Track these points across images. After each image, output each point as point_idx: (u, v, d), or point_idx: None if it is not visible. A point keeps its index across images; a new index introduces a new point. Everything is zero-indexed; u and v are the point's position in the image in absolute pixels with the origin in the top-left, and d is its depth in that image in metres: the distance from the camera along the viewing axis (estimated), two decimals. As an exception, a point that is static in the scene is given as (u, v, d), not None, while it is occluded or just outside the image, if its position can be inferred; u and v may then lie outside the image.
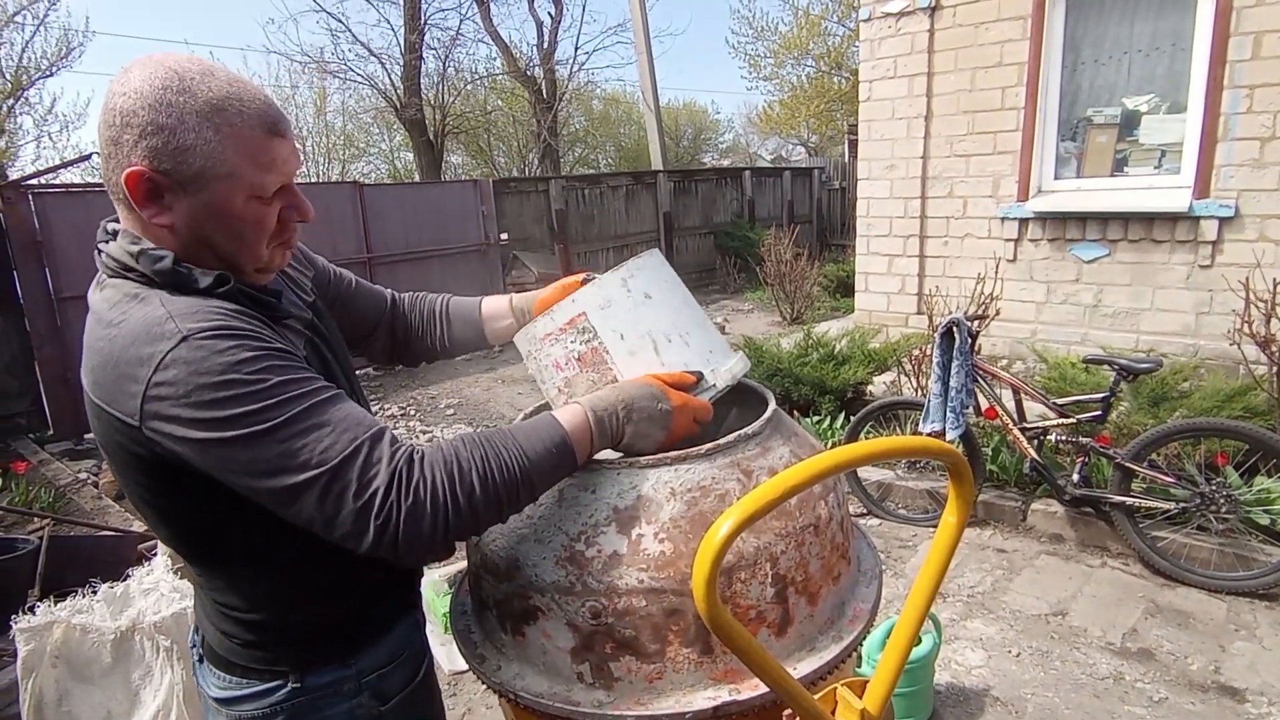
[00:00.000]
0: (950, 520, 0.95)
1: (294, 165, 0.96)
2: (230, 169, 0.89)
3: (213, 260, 0.95)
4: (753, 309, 10.60)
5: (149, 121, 0.86)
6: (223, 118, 0.88)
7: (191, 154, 0.87)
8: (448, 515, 0.87)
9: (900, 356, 4.90)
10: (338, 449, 0.84)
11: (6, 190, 5.67)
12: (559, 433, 0.98)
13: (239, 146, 0.89)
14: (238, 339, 0.86)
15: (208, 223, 0.91)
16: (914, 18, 5.61)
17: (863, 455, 0.84)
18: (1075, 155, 5.24)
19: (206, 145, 0.87)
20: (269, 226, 0.95)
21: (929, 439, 0.91)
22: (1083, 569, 3.39)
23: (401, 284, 7.94)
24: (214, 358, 0.83)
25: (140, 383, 0.84)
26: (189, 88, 0.87)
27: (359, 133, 18.72)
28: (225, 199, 0.90)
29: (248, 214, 0.92)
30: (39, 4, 12.27)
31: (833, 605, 1.15)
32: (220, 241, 0.93)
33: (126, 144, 0.87)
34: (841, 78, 16.13)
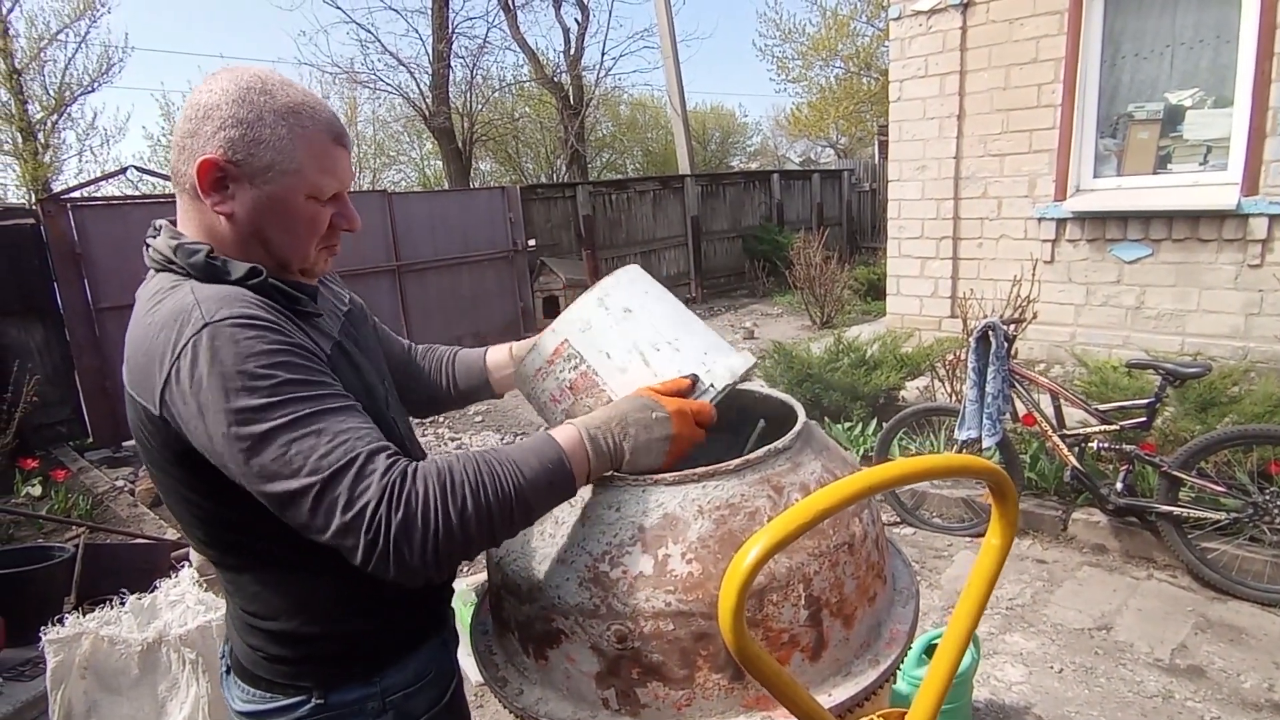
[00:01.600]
0: (994, 543, 0.90)
1: (350, 177, 1.03)
2: (297, 166, 0.95)
3: (263, 255, 0.99)
4: (782, 313, 10.49)
5: (230, 115, 0.93)
6: (296, 119, 0.95)
7: (265, 147, 0.93)
8: (438, 533, 0.84)
9: (934, 361, 4.80)
10: (331, 459, 0.83)
11: (47, 204, 5.82)
12: (555, 450, 0.95)
13: (308, 147, 0.95)
14: (258, 329, 0.87)
15: (267, 214, 0.96)
16: (945, 15, 5.50)
17: (899, 476, 0.80)
18: (1115, 153, 5.09)
19: (279, 142, 0.94)
20: (320, 228, 1.00)
21: (969, 457, 0.86)
22: (1128, 581, 3.27)
23: (430, 291, 8.00)
24: (229, 347, 0.84)
25: (164, 369, 0.86)
26: (270, 90, 0.95)
27: (389, 141, 18.99)
28: (287, 194, 0.96)
29: (304, 212, 0.98)
30: (80, 22, 12.65)
31: (869, 627, 1.10)
32: (274, 234, 0.98)
33: (204, 135, 0.93)
34: (870, 78, 15.95)
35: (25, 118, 12.56)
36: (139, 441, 0.97)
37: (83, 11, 12.57)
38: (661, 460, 1.02)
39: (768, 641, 0.99)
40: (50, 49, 12.59)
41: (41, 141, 12.96)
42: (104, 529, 3.74)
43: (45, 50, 12.47)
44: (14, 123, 12.49)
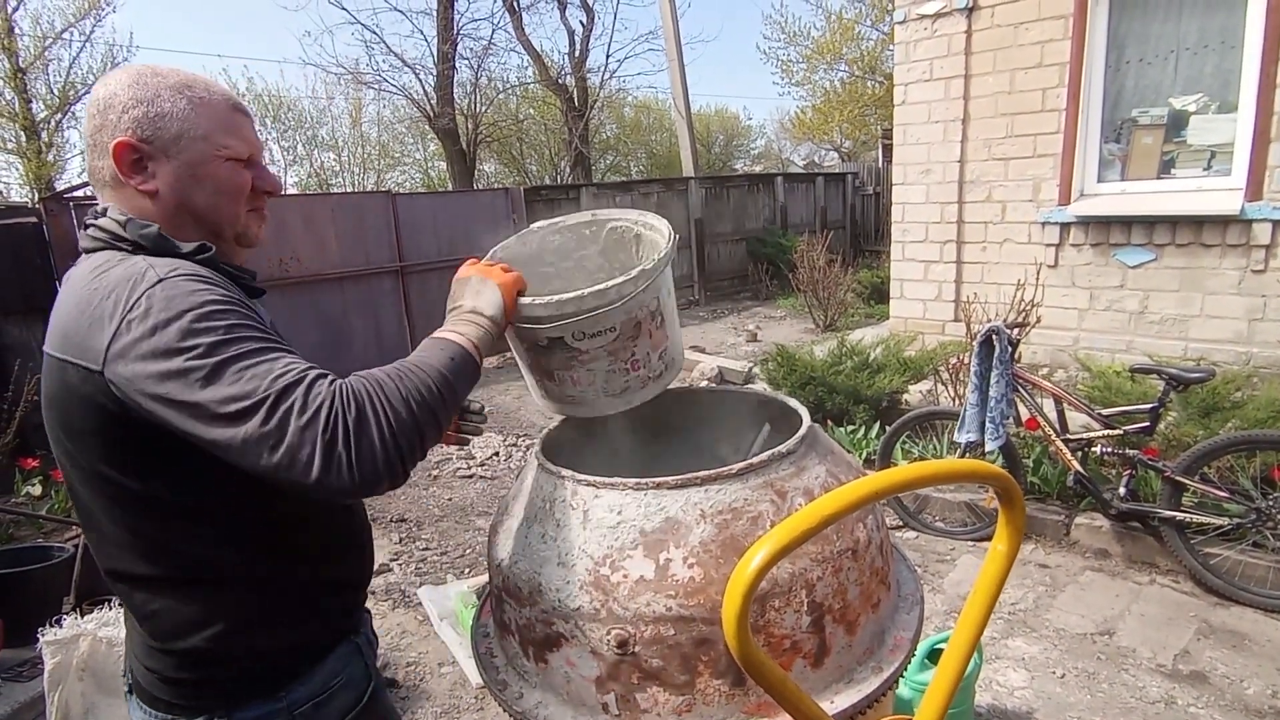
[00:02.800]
0: (1000, 549, 0.89)
1: (259, 143, 1.08)
2: (204, 131, 0.99)
3: (194, 228, 1.02)
4: (785, 316, 10.48)
5: (130, 98, 0.97)
6: (192, 91, 1.00)
7: (169, 119, 0.98)
8: (392, 424, 0.87)
9: (937, 365, 4.78)
10: (285, 378, 0.85)
11: (50, 202, 5.82)
12: (455, 347, 1.02)
13: (209, 114, 1.00)
14: (209, 284, 0.91)
15: (189, 182, 1.00)
16: (951, 19, 5.50)
17: (905, 481, 0.79)
18: (1119, 157, 5.08)
19: (181, 112, 0.99)
20: (244, 188, 1.04)
21: (978, 463, 0.85)
22: (1130, 586, 3.25)
23: (433, 292, 7.98)
24: (183, 297, 0.87)
25: (113, 323, 0.87)
26: (159, 72, 1.01)
27: (394, 143, 18.99)
28: (203, 158, 1.00)
29: (223, 172, 1.02)
30: (85, 21, 12.67)
31: (872, 634, 1.10)
32: (200, 200, 1.01)
33: (110, 124, 0.98)
34: (875, 82, 15.93)
35: (29, 116, 12.59)
36: (58, 416, 0.96)
37: (87, 10, 12.60)
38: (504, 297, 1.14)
39: (769, 648, 0.98)
40: (54, 48, 12.64)
41: (45, 140, 12.99)
42: (105, 528, 3.73)
43: (50, 49, 12.52)
44: (18, 121, 12.52)
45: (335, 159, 18.12)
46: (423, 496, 4.80)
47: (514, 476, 5.02)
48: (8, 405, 4.79)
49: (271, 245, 6.77)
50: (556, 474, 1.12)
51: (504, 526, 1.21)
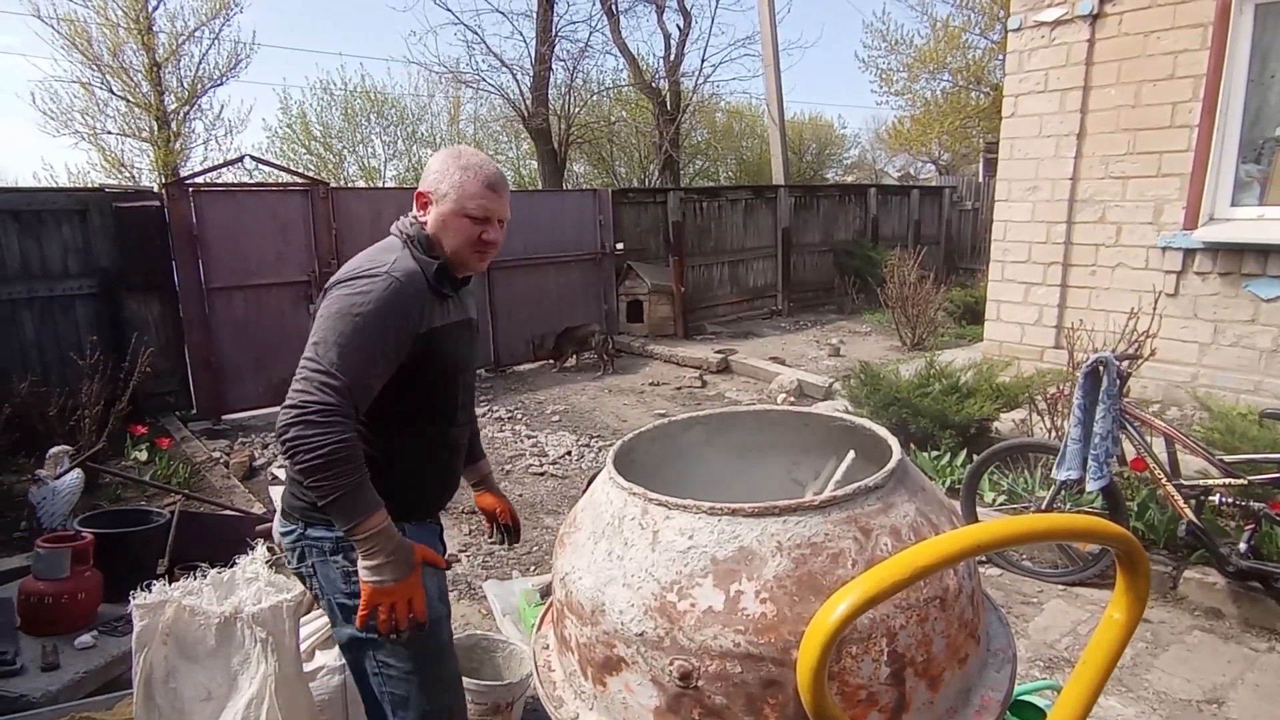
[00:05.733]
0: (1117, 618, 0.79)
1: (496, 209, 1.61)
2: (456, 196, 1.58)
3: (441, 249, 1.60)
4: (870, 331, 10.16)
5: (435, 169, 1.61)
6: (464, 172, 1.58)
7: (445, 184, 1.58)
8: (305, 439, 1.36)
9: (1033, 393, 4.50)
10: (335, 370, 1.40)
11: (171, 187, 6.23)
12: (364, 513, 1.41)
13: (465, 187, 1.58)
14: (400, 296, 1.48)
15: (440, 225, 1.60)
16: (1071, 26, 5.18)
17: (1012, 536, 0.70)
18: (1259, 180, 4.66)
19: (450, 181, 1.58)
20: (472, 238, 1.60)
21: (1097, 520, 0.75)
22: (1245, 652, 2.95)
23: (517, 288, 8.10)
24: (380, 295, 1.46)
25: (353, 272, 1.52)
26: (460, 154, 1.62)
27: (488, 140, 19.48)
28: (450, 212, 1.58)
29: (456, 225, 1.59)
30: (216, 20, 13.53)
31: (956, 691, 1.00)
32: (445, 238, 1.60)
33: (423, 180, 1.62)
34: (980, 93, 15.28)
35: (161, 107, 13.55)
36: None
37: (218, 10, 13.46)
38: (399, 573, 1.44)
39: (843, 697, 0.91)
40: (187, 45, 13.54)
41: (174, 130, 13.95)
42: (198, 498, 3.94)
43: (182, 45, 13.42)
44: (151, 111, 13.49)
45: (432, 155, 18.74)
46: (495, 490, 4.86)
47: (584, 477, 5.02)
48: (124, 375, 5.14)
49: (367, 236, 6.95)
50: (628, 490, 1.08)
51: (571, 539, 1.17)
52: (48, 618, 2.63)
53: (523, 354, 8.42)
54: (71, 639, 2.59)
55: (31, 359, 5.55)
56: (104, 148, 13.87)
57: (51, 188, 10.89)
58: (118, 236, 5.91)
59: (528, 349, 8.41)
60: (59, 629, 2.62)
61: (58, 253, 5.71)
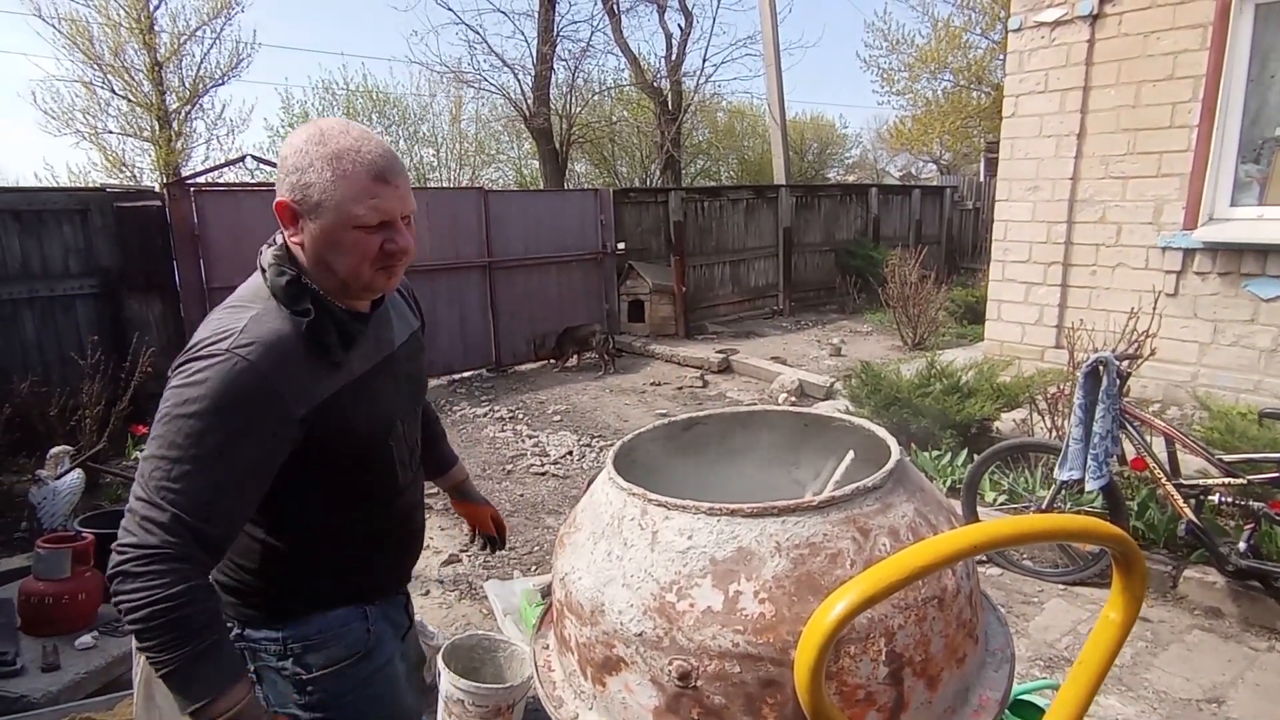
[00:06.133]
0: (1113, 618, 0.79)
1: (397, 206, 1.17)
2: (337, 202, 1.13)
3: (329, 275, 1.19)
4: (871, 331, 10.16)
5: (292, 164, 1.14)
6: (339, 164, 1.12)
7: (313, 189, 1.13)
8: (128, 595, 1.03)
9: (1034, 393, 4.51)
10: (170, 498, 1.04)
11: (172, 187, 6.24)
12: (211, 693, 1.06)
13: (347, 186, 1.13)
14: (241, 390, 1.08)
15: (323, 244, 1.16)
16: (1072, 27, 5.18)
17: (1009, 536, 0.71)
18: (1258, 180, 4.66)
19: (324, 183, 1.13)
20: (369, 252, 1.17)
21: (1094, 521, 0.76)
22: (1245, 651, 2.96)
23: (519, 288, 8.11)
24: (216, 380, 1.07)
25: (190, 349, 1.12)
26: (325, 139, 1.14)
27: (490, 140, 19.49)
28: (334, 226, 1.15)
29: (349, 240, 1.16)
30: (218, 20, 13.54)
31: (955, 691, 1.00)
32: (333, 260, 1.17)
33: (280, 181, 1.17)
34: (982, 93, 15.28)
35: (163, 107, 13.56)
36: None
37: (220, 10, 13.47)
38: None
39: (841, 697, 0.91)
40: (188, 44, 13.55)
41: (175, 129, 13.96)
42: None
43: (184, 45, 13.43)
44: (153, 111, 13.51)
45: (434, 155, 18.75)
46: (496, 490, 4.87)
47: (585, 477, 5.02)
48: (125, 375, 5.14)
49: (369, 236, 7.03)
50: (628, 490, 1.08)
51: (570, 539, 1.17)
52: (48, 618, 2.63)
53: (524, 354, 8.42)
54: (72, 639, 2.60)
55: (32, 359, 5.55)
56: (105, 147, 13.90)
57: (53, 187, 10.90)
58: (119, 236, 5.91)
59: (529, 349, 8.42)
60: (59, 629, 2.63)
61: (59, 253, 5.71)
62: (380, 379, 1.28)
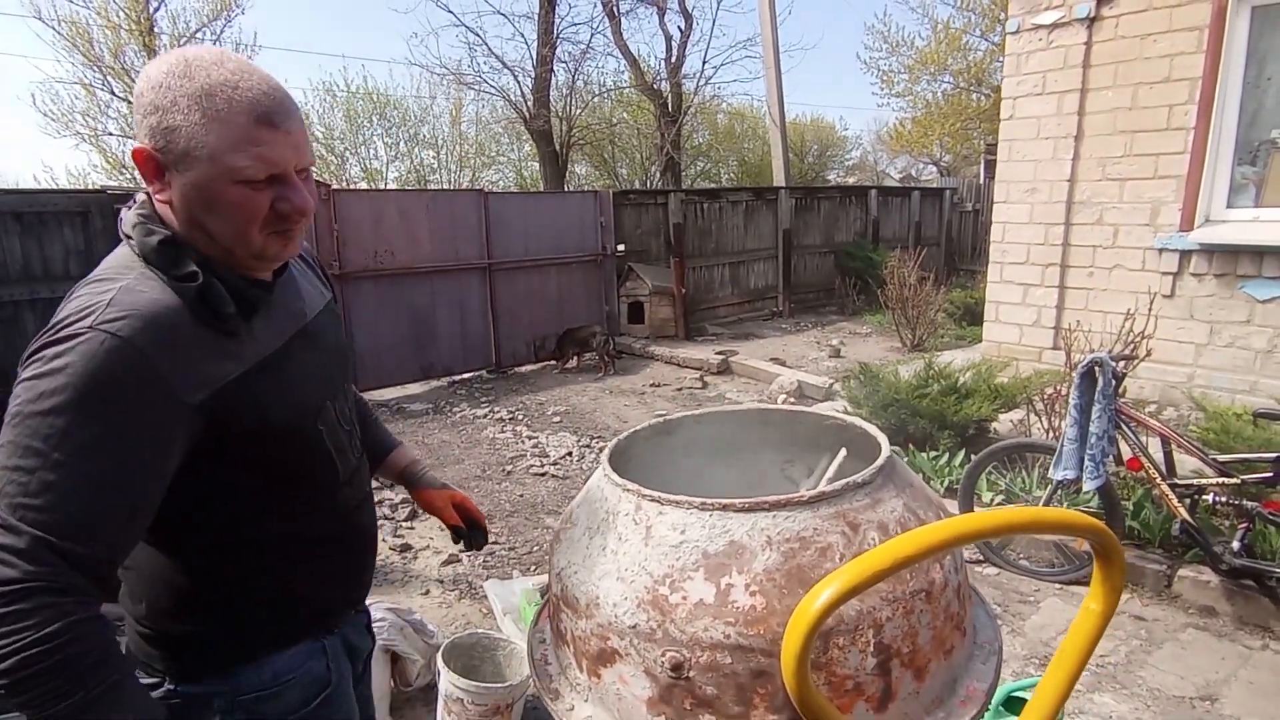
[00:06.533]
0: (1094, 608, 0.81)
1: (290, 156, 0.96)
2: (211, 151, 0.91)
3: (208, 242, 0.97)
4: (871, 333, 10.19)
5: (150, 102, 0.91)
6: (210, 103, 0.90)
7: (178, 134, 0.91)
8: None
9: (1031, 394, 4.53)
10: (28, 516, 0.81)
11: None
12: None
13: (222, 131, 0.90)
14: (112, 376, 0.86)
15: (195, 202, 0.94)
16: (1069, 30, 5.21)
17: (991, 527, 0.73)
18: (1254, 181, 4.69)
19: (191, 127, 0.90)
20: (256, 213, 0.95)
21: (1073, 513, 0.78)
22: (1239, 650, 2.98)
23: (519, 290, 8.15)
24: (82, 364, 0.84)
25: (46, 332, 0.89)
26: (191, 72, 0.91)
27: (490, 142, 19.53)
28: (208, 180, 0.92)
29: (231, 197, 0.93)
30: (217, 22, 13.59)
31: (943, 682, 1.03)
32: (209, 222, 0.96)
33: (138, 123, 0.94)
34: (981, 95, 15.33)
35: (165, 109, 13.64)
36: None
37: (220, 12, 13.52)
38: None
39: (830, 687, 0.94)
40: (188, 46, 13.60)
41: (176, 132, 14.01)
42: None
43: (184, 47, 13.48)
44: (154, 113, 13.59)
45: (434, 156, 18.79)
46: (496, 491, 4.89)
47: (584, 477, 5.05)
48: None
49: (368, 238, 7.07)
50: (622, 486, 1.10)
51: (567, 534, 1.20)
52: None
53: (524, 355, 8.45)
54: None
55: (35, 360, 5.58)
56: (105, 149, 13.94)
57: (53, 189, 10.93)
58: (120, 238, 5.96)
59: (529, 350, 8.44)
60: None
61: (59, 254, 5.74)
62: (298, 354, 1.06)
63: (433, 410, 6.88)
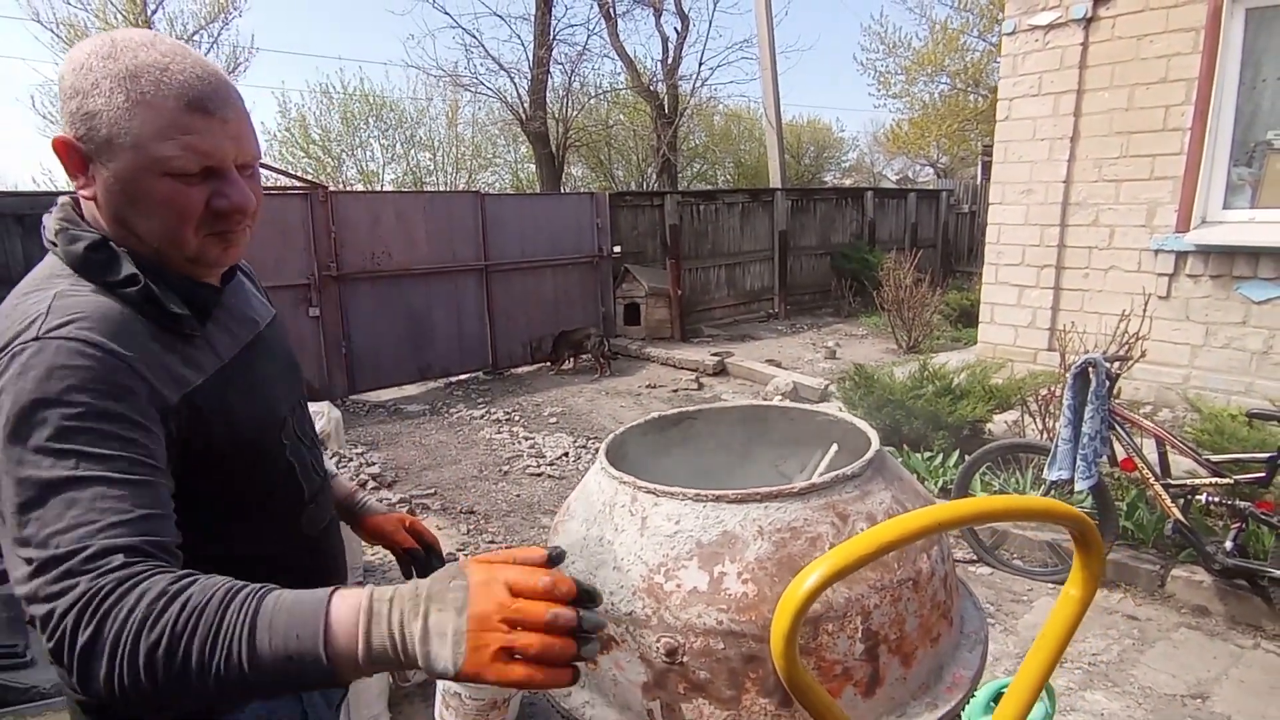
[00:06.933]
0: (1073, 594, 0.84)
1: (227, 148, 0.87)
2: (134, 139, 0.82)
3: (137, 243, 0.88)
4: (867, 334, 10.22)
5: (70, 86, 0.84)
6: (135, 85, 0.82)
7: (100, 120, 0.83)
8: (121, 671, 0.66)
9: (1025, 395, 4.56)
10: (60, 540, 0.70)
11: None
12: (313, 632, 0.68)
13: (148, 117, 0.82)
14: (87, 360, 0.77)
15: (118, 197, 0.86)
16: (1065, 30, 5.24)
17: (972, 514, 0.75)
18: (1250, 183, 4.72)
19: (114, 112, 0.82)
20: (189, 210, 0.86)
21: (1053, 501, 0.80)
22: (1231, 649, 3.00)
23: (515, 291, 8.18)
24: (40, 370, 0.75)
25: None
26: (116, 53, 0.84)
27: (486, 144, 19.56)
28: (133, 172, 0.84)
29: (159, 192, 0.84)
30: (215, 24, 13.61)
31: (929, 669, 1.05)
32: (136, 221, 0.87)
33: (61, 110, 0.86)
34: (979, 95, 15.38)
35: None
36: None
37: (217, 14, 13.54)
38: (459, 655, 0.67)
39: (820, 671, 0.96)
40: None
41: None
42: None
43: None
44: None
45: (430, 158, 18.81)
46: (492, 491, 4.91)
47: (580, 477, 5.07)
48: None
49: (365, 239, 7.09)
50: (618, 479, 1.13)
51: (564, 526, 1.22)
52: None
53: (520, 357, 8.47)
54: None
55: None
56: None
57: (56, 191, 10.95)
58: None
59: (525, 352, 8.47)
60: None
61: (60, 254, 5.76)
62: (257, 363, 0.99)
63: (430, 411, 6.90)
